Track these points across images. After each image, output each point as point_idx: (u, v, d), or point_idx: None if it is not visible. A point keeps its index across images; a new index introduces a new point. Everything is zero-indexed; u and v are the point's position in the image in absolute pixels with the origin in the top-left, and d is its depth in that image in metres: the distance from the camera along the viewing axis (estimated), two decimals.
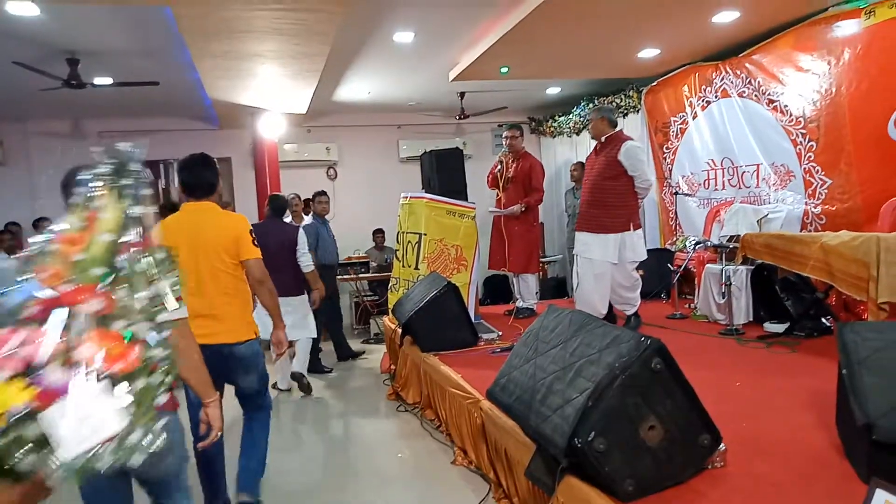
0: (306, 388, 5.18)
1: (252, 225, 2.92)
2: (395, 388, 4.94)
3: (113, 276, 0.83)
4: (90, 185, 0.91)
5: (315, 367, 5.77)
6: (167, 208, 5.18)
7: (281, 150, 8.29)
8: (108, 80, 5.94)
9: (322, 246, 5.99)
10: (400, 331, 4.85)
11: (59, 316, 0.74)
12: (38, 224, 6.57)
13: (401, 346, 4.85)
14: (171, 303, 0.87)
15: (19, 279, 0.79)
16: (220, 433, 2.09)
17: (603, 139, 4.79)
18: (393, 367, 5.20)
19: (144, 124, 8.01)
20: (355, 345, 6.77)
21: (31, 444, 0.69)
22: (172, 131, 8.19)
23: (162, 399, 0.83)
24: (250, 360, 2.90)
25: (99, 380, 0.74)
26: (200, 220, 2.84)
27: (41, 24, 4.49)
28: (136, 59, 5.51)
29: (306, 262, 5.08)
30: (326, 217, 6.29)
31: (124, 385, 0.77)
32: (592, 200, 4.75)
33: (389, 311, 5.72)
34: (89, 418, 0.73)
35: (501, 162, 5.91)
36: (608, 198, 4.67)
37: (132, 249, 0.87)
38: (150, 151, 8.28)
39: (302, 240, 5.07)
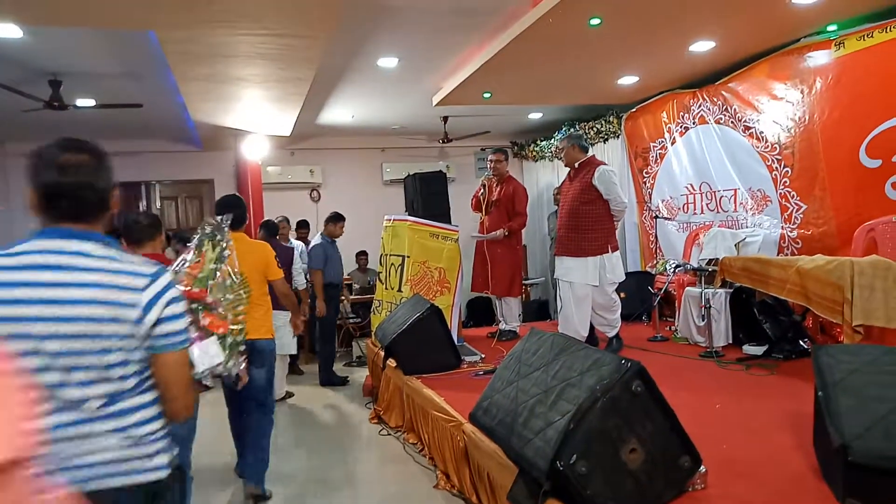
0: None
1: None
2: (377, 411, 4.91)
3: (213, 285, 1.69)
4: (200, 238, 1.84)
5: (332, 380, 6.21)
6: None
7: (264, 172, 8.30)
8: (91, 102, 5.93)
9: (330, 265, 6.15)
10: (383, 353, 4.84)
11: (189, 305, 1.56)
12: None
13: (383, 369, 4.83)
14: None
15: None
16: (245, 381, 2.97)
17: (576, 165, 4.87)
18: (375, 390, 5.17)
19: (126, 146, 7.97)
20: (337, 367, 6.71)
21: None
22: (155, 153, 8.17)
23: (241, 348, 1.71)
24: (267, 354, 3.60)
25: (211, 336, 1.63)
26: (237, 247, 3.40)
27: (24, 46, 4.48)
28: (119, 81, 5.51)
29: (301, 280, 5.50)
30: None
31: (225, 339, 1.62)
32: (570, 225, 4.81)
33: (372, 333, 5.71)
34: (208, 354, 1.57)
35: (484, 186, 5.95)
36: (585, 222, 4.74)
37: (221, 273, 1.75)
38: (133, 173, 8.28)
39: (297, 259, 5.52)
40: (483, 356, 4.88)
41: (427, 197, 7.72)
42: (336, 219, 6.34)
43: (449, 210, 7.63)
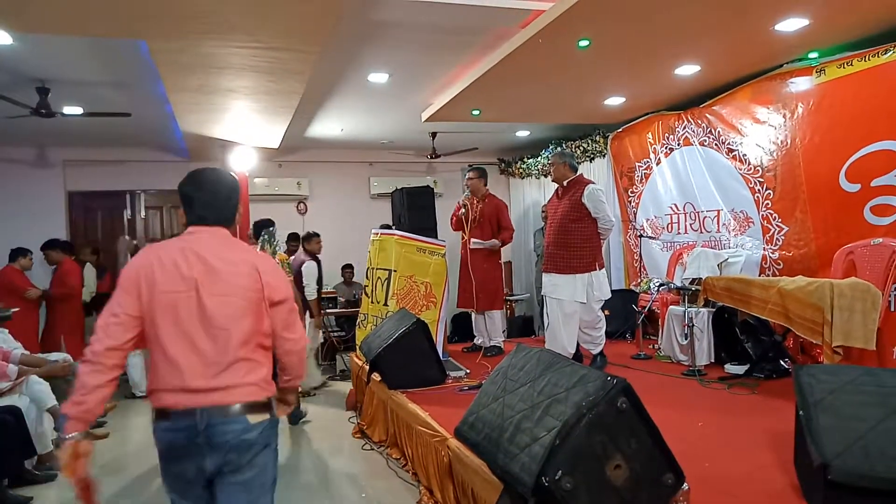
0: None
1: None
2: (360, 425, 4.89)
3: None
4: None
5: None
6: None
7: (251, 183, 8.29)
8: (79, 110, 5.89)
9: None
10: (367, 367, 4.82)
11: None
12: (19, 255, 6.32)
13: (367, 384, 4.81)
14: None
15: None
16: None
17: (565, 183, 4.92)
18: (359, 404, 5.15)
19: (112, 154, 7.94)
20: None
21: None
22: (141, 162, 8.13)
23: None
24: None
25: None
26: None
27: (12, 52, 4.46)
28: (107, 89, 5.49)
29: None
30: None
31: None
32: (559, 242, 4.85)
33: (357, 347, 5.69)
34: None
35: (465, 206, 5.99)
36: (574, 239, 4.78)
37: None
38: (118, 182, 8.22)
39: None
40: (468, 371, 4.89)
41: (414, 211, 7.73)
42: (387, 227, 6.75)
43: (436, 225, 7.63)
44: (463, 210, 5.98)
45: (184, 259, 1.93)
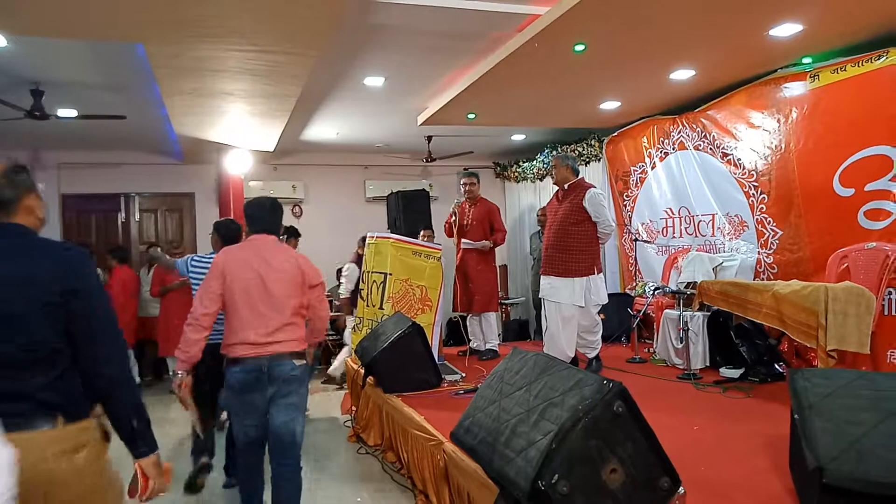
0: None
1: None
2: (356, 429, 4.88)
3: None
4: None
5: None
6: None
7: (246, 186, 8.26)
8: (73, 113, 5.88)
9: None
10: (363, 371, 4.81)
11: None
12: None
13: (363, 387, 4.80)
14: None
15: None
16: None
17: (566, 186, 4.93)
18: (354, 408, 5.13)
19: (107, 157, 7.92)
20: (314, 384, 6.67)
21: None
22: (135, 165, 8.11)
23: None
24: None
25: None
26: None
27: (7, 54, 4.45)
28: (102, 92, 5.48)
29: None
30: None
31: None
32: (558, 245, 4.85)
33: (352, 350, 5.68)
34: None
35: (455, 213, 6.01)
36: (574, 242, 4.78)
37: None
38: (112, 184, 8.16)
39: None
40: (464, 375, 4.88)
41: (410, 215, 7.74)
42: (422, 231, 6.79)
43: (432, 228, 7.62)
44: (454, 217, 6.01)
45: (252, 256, 2.93)
